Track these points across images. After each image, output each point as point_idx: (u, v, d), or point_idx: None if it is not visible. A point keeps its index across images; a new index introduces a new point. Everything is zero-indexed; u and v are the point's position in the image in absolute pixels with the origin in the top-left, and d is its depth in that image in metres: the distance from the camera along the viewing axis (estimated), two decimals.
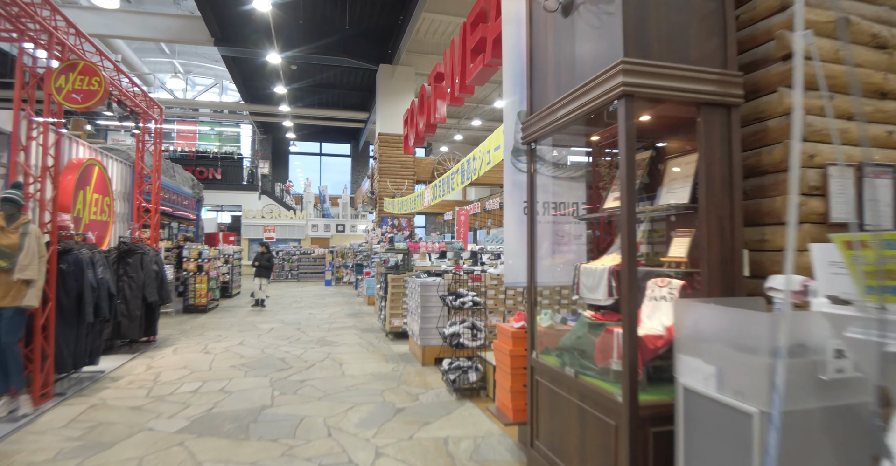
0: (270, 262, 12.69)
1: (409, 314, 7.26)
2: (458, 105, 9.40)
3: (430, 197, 10.54)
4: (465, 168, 8.07)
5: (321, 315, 11.31)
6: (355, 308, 12.55)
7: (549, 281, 3.66)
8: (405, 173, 17.73)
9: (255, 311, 11.85)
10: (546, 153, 3.70)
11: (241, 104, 22.90)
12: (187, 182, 15.26)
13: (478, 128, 25.45)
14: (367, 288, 13.03)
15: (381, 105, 17.87)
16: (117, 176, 7.87)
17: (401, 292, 8.31)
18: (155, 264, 7.76)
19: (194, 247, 11.36)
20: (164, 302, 7.93)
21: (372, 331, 9.14)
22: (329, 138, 29.91)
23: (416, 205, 11.86)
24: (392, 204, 15.22)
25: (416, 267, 8.88)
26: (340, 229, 25.76)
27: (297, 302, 13.95)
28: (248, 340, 8.27)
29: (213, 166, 25.06)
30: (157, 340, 8.16)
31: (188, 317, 10.74)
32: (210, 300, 11.81)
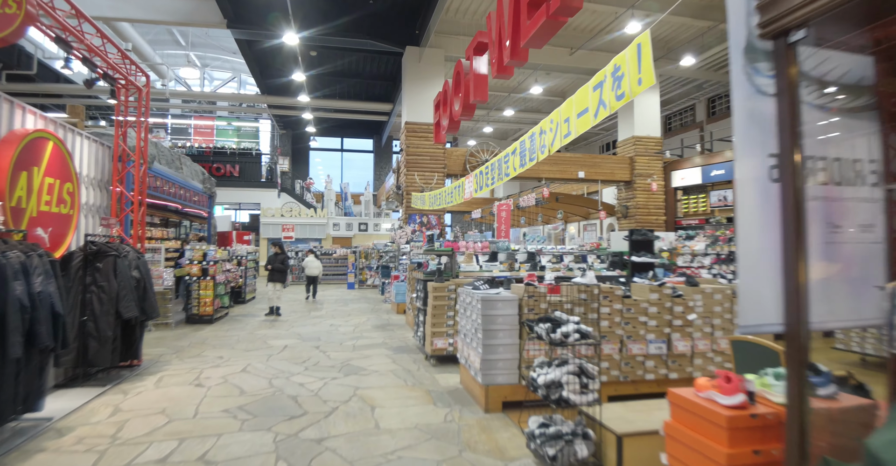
0: (286, 265, 10.92)
1: (462, 337, 5.37)
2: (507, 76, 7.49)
3: (473, 187, 8.64)
4: (527, 146, 6.13)
5: (344, 327, 9.48)
6: (383, 317, 10.70)
7: (848, 317, 1.72)
8: (434, 166, 15.85)
9: (269, 322, 10.07)
10: (819, 60, 1.75)
11: (258, 96, 21.26)
12: (196, 175, 13.59)
13: (510, 120, 23.47)
14: (396, 294, 11.19)
15: (408, 91, 16.02)
16: (88, 158, 6.13)
17: (445, 305, 6.42)
18: (136, 269, 5.99)
19: (198, 248, 9.63)
20: (147, 317, 6.16)
21: (407, 352, 7.26)
22: (351, 133, 28.18)
23: (454, 197, 9.96)
24: (421, 199, 13.36)
25: (461, 273, 7.00)
26: (363, 228, 24.01)
27: (316, 309, 12.16)
28: (253, 365, 6.45)
29: (231, 162, 23.50)
30: (142, 365, 6.40)
31: (189, 330, 9.00)
32: (217, 308, 10.08)
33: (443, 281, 6.51)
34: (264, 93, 20.61)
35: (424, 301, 6.80)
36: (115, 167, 6.54)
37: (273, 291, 10.81)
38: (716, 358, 5.24)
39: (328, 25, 14.48)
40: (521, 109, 22.80)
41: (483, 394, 4.66)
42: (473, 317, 4.89)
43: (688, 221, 17.24)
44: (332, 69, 18.73)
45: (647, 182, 17.28)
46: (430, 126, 15.86)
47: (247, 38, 15.51)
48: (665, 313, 5.11)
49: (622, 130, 18.13)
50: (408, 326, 9.46)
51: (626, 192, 17.67)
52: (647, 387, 5.02)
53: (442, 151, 16.00)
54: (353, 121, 25.91)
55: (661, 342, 5.06)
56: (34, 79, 18.73)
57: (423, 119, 15.86)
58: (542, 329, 3.40)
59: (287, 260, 11.06)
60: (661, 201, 17.44)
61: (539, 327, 3.46)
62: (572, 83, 20.44)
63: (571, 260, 7.71)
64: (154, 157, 10.54)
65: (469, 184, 9.05)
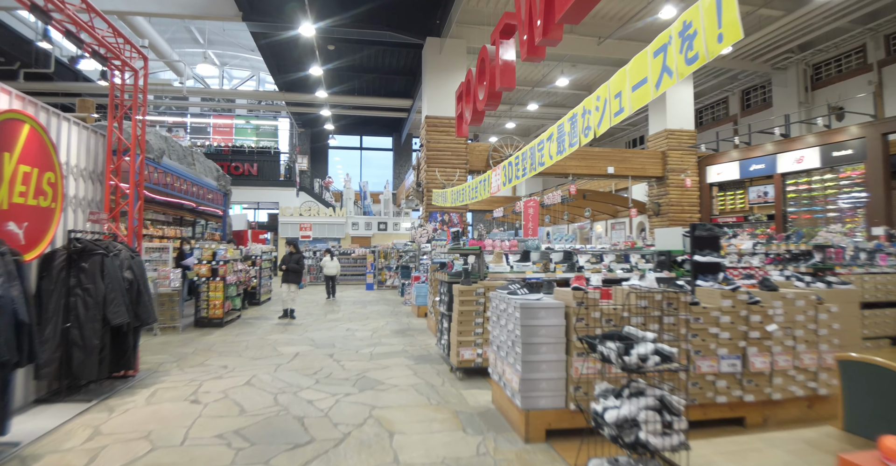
0: (300, 265, 10.25)
1: (495, 349, 4.57)
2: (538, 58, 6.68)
3: (501, 180, 7.85)
4: (566, 130, 5.32)
5: (362, 331, 8.76)
6: (403, 321, 9.95)
7: None
8: (456, 161, 15.08)
9: (282, 326, 9.40)
10: None
11: (276, 93, 20.74)
12: (210, 172, 13.05)
13: (533, 115, 22.57)
14: (417, 295, 10.44)
15: (429, 84, 15.28)
16: (78, 146, 5.48)
17: (473, 311, 5.63)
18: (128, 270, 5.33)
19: (207, 247, 9.01)
20: (142, 323, 5.50)
21: (430, 362, 6.49)
22: (370, 131, 27.57)
23: (479, 192, 9.17)
24: (443, 195, 12.59)
25: (489, 274, 6.20)
26: (382, 227, 23.35)
27: (333, 311, 11.47)
28: (259, 376, 5.75)
29: (249, 161, 23.05)
30: (138, 375, 5.75)
31: (197, 335, 8.37)
32: (228, 310, 9.45)
33: (470, 283, 5.73)
34: (282, 89, 20.07)
35: (449, 305, 6.02)
36: (110, 157, 5.89)
37: (287, 293, 10.15)
38: (798, 376, 4.36)
39: (345, 15, 13.82)
40: (545, 104, 21.90)
41: (522, 420, 3.86)
42: (510, 328, 4.10)
43: (724, 219, 16.16)
44: (350, 63, 18.09)
45: (680, 177, 16.29)
46: (452, 120, 15.10)
47: (262, 31, 14.94)
48: (739, 323, 4.24)
49: (653, 123, 17.13)
50: (429, 331, 8.71)
51: (657, 189, 16.67)
52: (717, 412, 4.16)
53: (464, 146, 15.23)
54: (371, 118, 25.29)
55: (735, 358, 4.20)
56: (52, 78, 18.48)
57: (444, 113, 15.12)
58: (611, 349, 2.59)
59: (302, 259, 10.39)
60: (695, 198, 16.42)
61: (606, 347, 2.65)
62: (599, 75, 19.48)
63: (612, 260, 6.87)
64: (164, 152, 9.97)
65: (496, 178, 8.27)
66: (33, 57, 18.12)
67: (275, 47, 16.53)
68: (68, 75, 19.52)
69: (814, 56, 16.30)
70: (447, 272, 6.36)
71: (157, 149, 9.69)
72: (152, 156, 9.44)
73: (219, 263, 8.95)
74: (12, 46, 17.56)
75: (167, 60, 19.10)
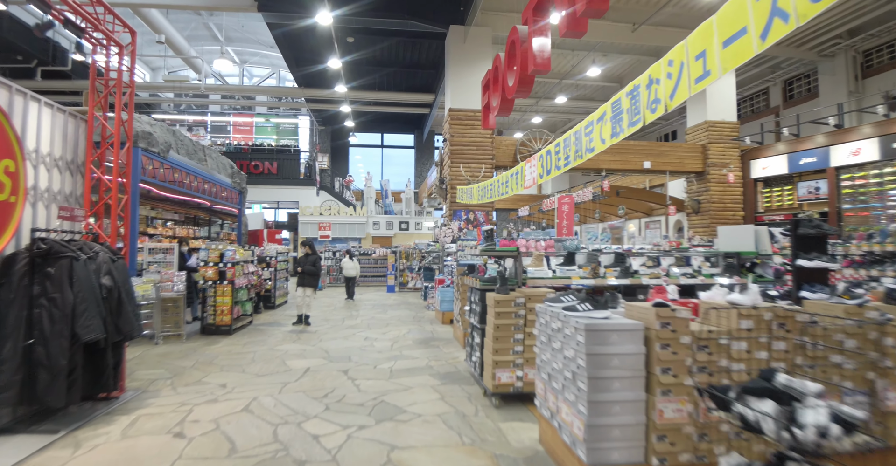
0: (317, 267, 9.40)
1: (545, 378, 3.60)
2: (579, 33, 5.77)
3: (537, 171, 6.87)
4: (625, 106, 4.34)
5: (381, 341, 7.86)
6: (426, 329, 9.03)
7: None
8: (482, 156, 14.12)
9: (295, 333, 8.57)
10: None
11: (295, 89, 20.06)
12: (224, 169, 12.32)
13: (561, 108, 21.45)
14: (441, 300, 9.52)
15: (452, 75, 14.35)
16: (51, 131, 4.69)
17: (512, 325, 4.68)
18: (107, 276, 4.51)
19: (214, 248, 8.22)
20: (125, 337, 4.68)
21: (459, 381, 5.55)
22: (391, 128, 26.77)
23: (511, 187, 8.21)
24: (468, 192, 11.65)
25: (528, 280, 5.24)
26: (404, 227, 22.51)
27: (351, 316, 10.61)
28: (261, 400, 4.88)
29: (269, 160, 22.46)
30: (124, 396, 4.94)
31: (202, 344, 7.58)
32: (238, 316, 8.66)
33: (507, 291, 4.77)
34: (301, 85, 19.38)
35: (482, 317, 5.07)
36: (91, 144, 5.10)
37: (303, 297, 9.32)
38: None
39: (364, 3, 12.97)
40: (574, 97, 20.77)
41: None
42: (568, 354, 3.13)
43: (770, 217, 14.86)
44: (369, 56, 17.26)
45: (722, 172, 15.04)
46: (477, 113, 14.15)
47: (278, 22, 14.19)
48: (867, 348, 3.21)
49: (692, 115, 15.92)
50: (456, 341, 7.77)
51: (697, 185, 15.44)
52: None
53: (490, 140, 14.25)
54: (392, 115, 24.49)
55: (862, 393, 3.17)
56: (70, 76, 18.09)
57: (469, 105, 14.17)
58: (766, 415, 1.61)
59: (319, 261, 9.55)
60: (738, 194, 15.17)
61: (750, 409, 1.67)
62: (632, 66, 18.30)
63: (672, 264, 5.84)
64: (170, 145, 9.24)
65: (531, 170, 7.29)
66: (50, 54, 17.74)
67: (292, 38, 15.78)
68: (84, 72, 19.13)
69: (864, 42, 14.88)
70: (478, 277, 5.40)
71: (163, 143, 8.96)
72: (157, 150, 8.70)
73: (226, 265, 8.16)
74: (29, 44, 17.20)
75: (184, 56, 18.56)
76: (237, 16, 19.98)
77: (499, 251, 5.24)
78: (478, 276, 5.47)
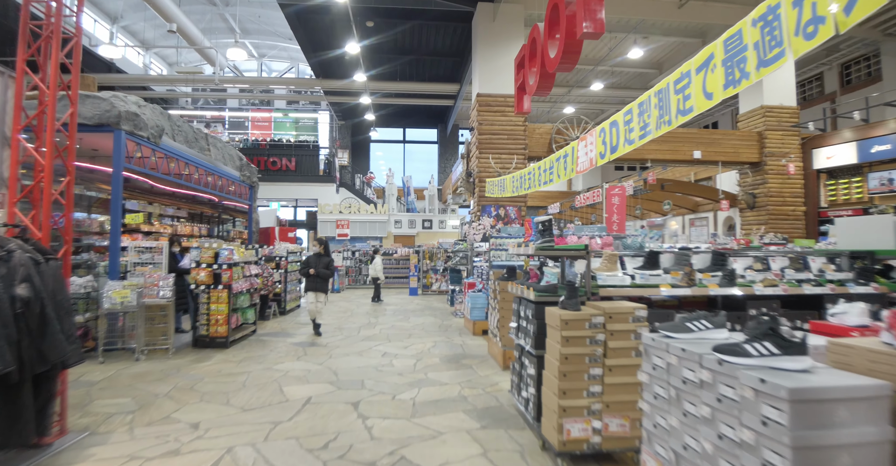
0: (330, 270, 8.08)
1: (674, 459, 2.15)
2: None
3: (597, 150, 5.42)
4: (750, 39, 2.80)
5: (402, 358, 6.49)
6: (455, 342, 7.62)
7: None
8: (513, 146, 12.66)
9: (302, 346, 7.26)
10: None
11: (312, 80, 18.87)
12: (232, 161, 11.13)
13: (595, 97, 19.82)
14: (472, 308, 8.10)
15: (480, 57, 12.92)
16: None
17: (587, 355, 3.23)
18: (24, 284, 3.22)
19: (207, 247, 6.95)
20: (54, 367, 3.39)
21: (502, 423, 4.11)
22: (413, 122, 25.43)
23: (558, 173, 6.75)
24: (500, 184, 10.20)
25: (600, 288, 3.78)
26: (427, 225, 21.16)
27: (369, 324, 9.26)
28: (237, 452, 3.53)
29: (287, 156, 21.34)
30: (63, 440, 3.66)
31: (189, 361, 6.30)
32: (237, 326, 7.40)
33: (577, 306, 3.33)
34: (319, 75, 18.17)
35: (538, 340, 3.65)
36: (19, 108, 3.83)
37: (315, 303, 8.01)
38: None
39: None
40: (608, 85, 19.13)
41: None
42: (744, 437, 1.68)
43: (835, 212, 13.07)
44: (390, 41, 15.93)
45: (781, 163, 13.31)
46: (508, 98, 12.70)
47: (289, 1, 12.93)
48: None
49: (746, 99, 14.19)
50: (492, 359, 6.35)
51: (753, 177, 13.70)
52: None
53: (522, 128, 12.78)
54: (415, 108, 23.15)
55: None
56: (82, 69, 17.20)
57: (499, 90, 12.73)
58: None
59: (332, 263, 8.22)
60: (798, 187, 13.41)
61: None
62: (675, 49, 16.64)
63: (785, 266, 4.33)
64: (163, 130, 8.03)
65: (587, 149, 5.82)
66: None
67: (307, 20, 14.52)
68: (100, 67, 18.28)
69: None
70: (530, 284, 3.97)
71: (154, 127, 7.75)
72: (146, 134, 7.50)
73: (222, 267, 6.88)
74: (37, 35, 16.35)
75: (198, 47, 17.53)
76: (252, 3, 18.91)
77: (561, 249, 3.80)
78: (529, 283, 4.03)
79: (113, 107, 7.03)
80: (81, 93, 7.16)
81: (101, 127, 7.00)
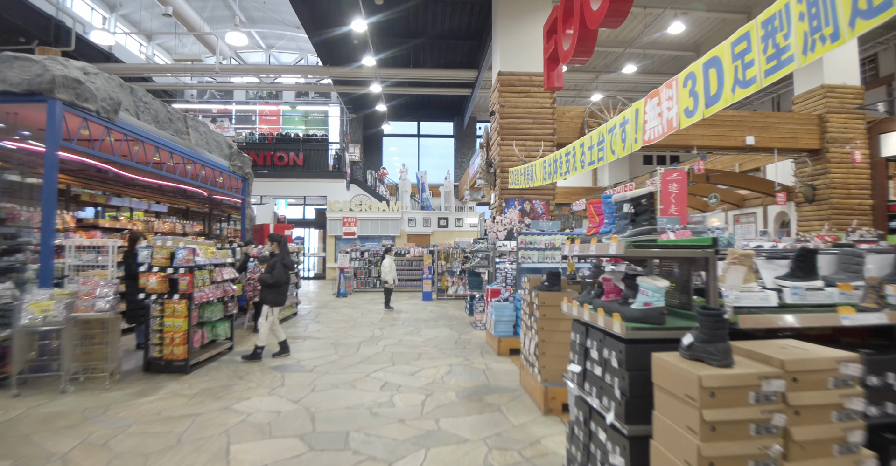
0: (285, 276, 6.25)
1: None
2: None
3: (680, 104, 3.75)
4: None
5: (407, 391, 4.85)
6: (476, 364, 5.96)
7: None
8: (539, 131, 10.95)
9: (279, 373, 5.67)
10: None
11: (320, 67, 17.37)
12: (219, 148, 9.62)
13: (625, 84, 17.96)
14: (497, 321, 6.43)
15: (502, 31, 11.25)
16: None
17: (749, 460, 1.57)
18: None
19: (160, 245, 5.39)
20: None
21: None
22: (428, 115, 23.78)
23: (612, 146, 5.10)
24: (527, 173, 8.51)
25: (732, 307, 2.12)
26: (443, 224, 19.53)
27: (372, 339, 7.64)
28: None
29: (295, 150, 19.90)
30: None
31: (128, 394, 4.74)
32: (203, 344, 5.84)
33: (729, 358, 1.68)
34: (326, 62, 16.66)
35: (634, 408, 2.00)
36: None
37: (264, 320, 6.18)
38: None
39: None
40: (641, 70, 17.30)
41: None
42: None
43: None
44: (400, 21, 14.32)
45: (845, 150, 11.43)
46: (533, 76, 11.01)
47: None
48: None
49: (802, 78, 12.29)
50: (526, 395, 4.69)
51: (812, 166, 11.80)
52: None
53: (550, 111, 11.07)
54: (429, 98, 21.53)
55: None
56: (74, 57, 15.96)
57: (523, 67, 11.06)
58: None
59: (284, 269, 6.25)
60: (865, 178, 11.48)
61: None
62: (714, 28, 14.81)
63: None
64: (119, 104, 6.50)
65: (663, 107, 4.18)
66: (52, 34, 15.65)
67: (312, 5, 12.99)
68: (95, 55, 17.01)
69: None
70: (611, 306, 2.30)
71: (107, 100, 6.23)
72: (94, 107, 5.98)
73: (178, 271, 5.31)
74: (27, 22, 15.13)
75: (197, 33, 16.13)
76: None
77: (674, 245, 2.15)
78: (606, 303, 2.36)
79: (46, 71, 5.53)
80: (8, 53, 5.70)
81: (32, 96, 5.51)
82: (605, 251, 2.33)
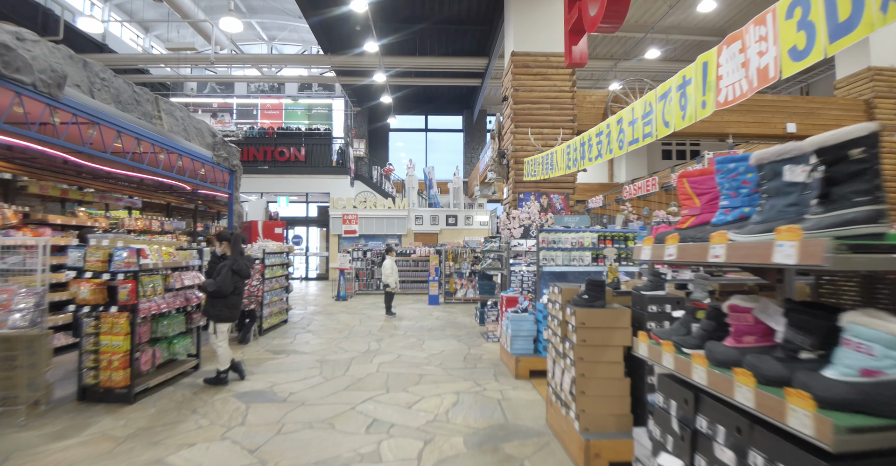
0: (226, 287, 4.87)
1: None
2: None
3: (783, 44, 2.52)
4: None
5: (399, 438, 3.72)
6: (489, 392, 4.81)
7: None
8: (557, 118, 9.77)
9: (247, 401, 4.56)
10: None
11: (321, 56, 16.28)
12: (200, 136, 8.55)
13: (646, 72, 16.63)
14: (514, 336, 5.28)
15: (515, 6, 10.07)
16: None
17: None
18: None
19: (94, 245, 4.31)
20: None
21: None
22: (435, 108, 22.62)
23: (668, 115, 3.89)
24: (546, 162, 7.33)
25: None
26: (451, 222, 18.37)
27: (366, 354, 6.52)
28: None
29: (296, 145, 18.83)
30: None
31: (43, 435, 3.66)
32: (155, 366, 4.75)
33: None
34: (326, 50, 15.57)
35: None
36: None
37: (215, 338, 5.01)
38: None
39: None
40: (663, 57, 16.00)
41: None
42: None
43: None
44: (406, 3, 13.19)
45: (894, 139, 10.18)
46: (550, 57, 9.82)
47: None
48: None
49: (845, 60, 10.98)
50: (556, 441, 3.54)
51: None
52: None
53: (569, 94, 9.88)
54: (437, 90, 20.37)
55: None
56: None
57: (539, 47, 9.89)
58: None
59: (228, 269, 4.93)
60: None
61: None
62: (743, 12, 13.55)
63: None
64: (64, 77, 5.42)
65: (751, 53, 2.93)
66: (39, 22, 14.72)
67: None
68: (85, 45, 16.06)
69: None
70: (751, 360, 1.18)
71: (47, 71, 5.16)
72: (28, 80, 4.90)
73: (116, 277, 4.22)
74: (14, 10, 14.20)
75: (191, 20, 15.11)
76: None
77: None
78: (770, 365, 1.23)
79: None
80: None
81: None
82: (750, 257, 1.16)
